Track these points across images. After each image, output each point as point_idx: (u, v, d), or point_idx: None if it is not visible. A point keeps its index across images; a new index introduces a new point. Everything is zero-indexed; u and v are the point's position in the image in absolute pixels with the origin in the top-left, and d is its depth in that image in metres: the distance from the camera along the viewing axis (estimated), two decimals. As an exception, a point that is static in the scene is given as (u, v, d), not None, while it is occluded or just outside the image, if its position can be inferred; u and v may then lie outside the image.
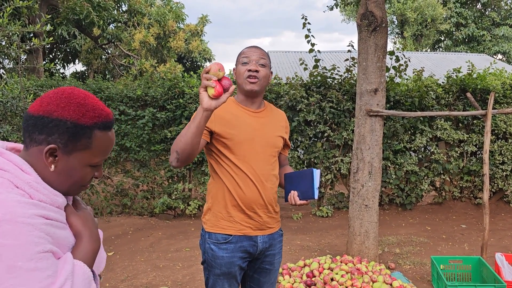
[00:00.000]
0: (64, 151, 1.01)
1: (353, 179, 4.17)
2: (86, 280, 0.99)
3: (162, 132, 6.09)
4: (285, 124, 2.09)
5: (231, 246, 1.89)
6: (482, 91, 6.37)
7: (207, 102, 1.59)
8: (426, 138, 6.29)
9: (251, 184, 1.88)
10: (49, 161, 1.00)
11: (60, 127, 0.99)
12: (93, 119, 1.02)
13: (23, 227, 0.86)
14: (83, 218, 1.08)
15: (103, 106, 1.06)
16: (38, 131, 0.99)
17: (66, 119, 0.99)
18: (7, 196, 0.89)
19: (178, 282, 3.76)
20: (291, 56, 17.71)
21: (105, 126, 1.05)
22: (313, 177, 1.80)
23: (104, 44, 11.43)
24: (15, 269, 0.82)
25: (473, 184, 6.56)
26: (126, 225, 5.73)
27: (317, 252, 4.60)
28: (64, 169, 1.03)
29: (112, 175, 6.31)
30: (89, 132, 1.02)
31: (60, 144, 1.00)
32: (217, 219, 1.91)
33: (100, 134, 1.04)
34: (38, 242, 0.88)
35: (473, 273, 3.64)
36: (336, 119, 6.23)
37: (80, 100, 1.02)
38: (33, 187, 0.96)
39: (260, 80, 1.90)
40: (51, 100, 1.00)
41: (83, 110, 1.01)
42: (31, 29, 4.02)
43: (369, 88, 4.02)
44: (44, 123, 0.99)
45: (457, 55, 19.25)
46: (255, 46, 1.98)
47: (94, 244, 1.06)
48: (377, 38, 4.01)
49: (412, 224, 5.80)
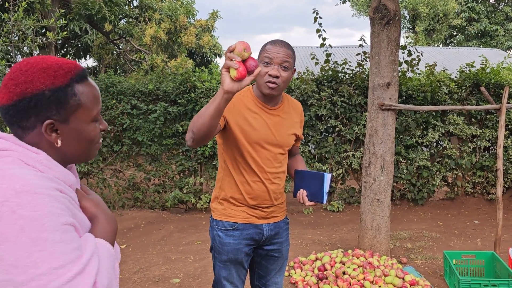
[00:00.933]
0: (61, 121, 0.95)
1: (365, 173, 4.16)
2: (111, 257, 0.95)
3: (174, 126, 6.12)
4: (300, 118, 2.07)
5: (238, 233, 1.92)
6: (495, 85, 6.30)
7: (229, 84, 1.45)
8: (439, 133, 6.24)
9: (259, 181, 1.90)
10: (53, 138, 0.95)
11: (42, 100, 0.92)
12: (66, 76, 0.95)
13: (43, 197, 0.82)
14: (94, 200, 1.05)
15: (66, 60, 0.98)
16: (25, 117, 0.93)
17: (43, 90, 0.92)
18: (21, 170, 0.86)
19: (190, 274, 3.79)
20: (302, 51, 17.65)
21: (81, 77, 0.98)
22: (324, 181, 1.80)
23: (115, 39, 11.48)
24: (41, 241, 0.79)
25: (486, 179, 6.49)
26: (138, 219, 5.78)
27: (328, 246, 4.60)
28: (71, 138, 0.98)
29: (124, 169, 6.36)
30: (71, 90, 0.95)
31: (54, 116, 0.94)
32: (224, 207, 1.95)
33: (82, 87, 0.98)
34: (61, 213, 0.84)
35: (486, 268, 3.61)
36: (348, 114, 6.20)
37: (41, 64, 0.94)
38: (44, 164, 0.93)
39: (279, 85, 1.83)
40: (16, 81, 0.92)
41: (51, 72, 0.94)
42: (45, 23, 4.06)
43: (382, 82, 4.00)
44: (24, 106, 0.92)
45: (469, 50, 19.02)
46: (280, 42, 1.84)
47: (111, 224, 1.03)
48: (390, 32, 3.98)
49: (424, 219, 5.77)
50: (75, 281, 0.81)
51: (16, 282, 0.77)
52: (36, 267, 0.77)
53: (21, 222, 0.78)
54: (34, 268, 0.77)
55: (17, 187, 0.81)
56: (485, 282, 3.11)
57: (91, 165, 6.21)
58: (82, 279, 0.82)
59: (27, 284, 0.77)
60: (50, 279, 0.78)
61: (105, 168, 6.35)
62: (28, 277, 0.77)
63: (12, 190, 0.80)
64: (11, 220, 0.78)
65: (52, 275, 0.78)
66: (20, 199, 0.80)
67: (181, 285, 3.57)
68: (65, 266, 0.80)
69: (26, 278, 0.77)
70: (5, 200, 0.79)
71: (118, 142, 6.29)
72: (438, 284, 3.60)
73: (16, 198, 0.80)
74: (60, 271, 0.79)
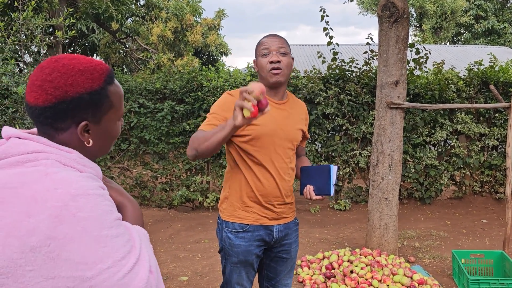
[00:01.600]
0: (94, 122, 0.98)
1: (372, 172, 4.14)
2: (148, 241, 1.00)
3: (181, 125, 6.13)
4: (305, 116, 2.09)
5: (248, 235, 1.91)
6: (504, 84, 6.25)
7: (241, 121, 1.52)
8: (446, 131, 6.21)
9: (270, 177, 1.88)
10: (85, 138, 0.98)
11: (80, 104, 0.94)
12: (101, 78, 0.97)
13: (96, 198, 0.87)
14: (118, 189, 1.09)
15: (98, 61, 1.00)
16: (61, 119, 0.95)
17: (82, 93, 0.94)
18: (68, 173, 0.89)
19: (198, 272, 3.81)
20: (308, 49, 17.62)
21: (111, 77, 1.01)
22: (330, 173, 1.80)
23: (122, 38, 11.52)
24: (102, 239, 0.85)
25: (494, 178, 6.45)
26: (145, 217, 5.80)
27: (335, 245, 4.60)
28: (100, 137, 1.02)
29: (132, 168, 6.39)
30: (105, 91, 0.98)
31: (89, 118, 0.97)
32: (234, 208, 1.93)
33: (112, 88, 1.01)
34: (112, 210, 0.90)
35: (495, 267, 3.59)
36: (355, 112, 6.19)
37: (78, 67, 0.95)
38: (80, 162, 0.96)
39: (283, 70, 1.88)
40: (54, 84, 0.92)
41: (89, 75, 0.95)
42: (53, 22, 4.07)
43: (390, 80, 3.98)
44: (63, 109, 0.93)
45: (477, 48, 18.89)
46: (273, 34, 1.94)
47: (138, 209, 1.08)
48: (398, 30, 3.96)
49: (432, 219, 5.74)
50: (136, 269, 0.88)
51: (86, 277, 0.82)
52: (103, 262, 0.84)
53: (82, 224, 0.83)
54: (101, 264, 0.83)
55: (72, 191, 0.85)
56: (494, 282, 3.09)
57: (99, 163, 6.23)
58: (140, 266, 0.89)
59: (96, 277, 0.83)
60: (115, 271, 0.84)
61: (112, 167, 6.38)
62: (96, 271, 0.83)
63: (68, 194, 0.84)
64: (72, 223, 0.83)
65: (116, 267, 0.85)
66: (77, 202, 0.84)
67: (189, 283, 3.58)
68: (125, 258, 0.87)
69: (95, 273, 0.83)
70: (64, 204, 0.83)
71: (126, 141, 6.31)
72: (446, 283, 3.58)
73: (73, 202, 0.84)
74: (122, 262, 0.86)
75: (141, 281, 0.87)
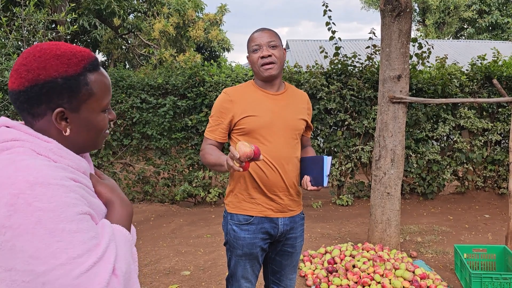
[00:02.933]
0: (72, 109, 0.94)
1: (375, 166, 4.14)
2: (128, 242, 0.95)
3: (183, 120, 6.13)
4: (307, 105, 2.08)
5: (253, 227, 1.92)
6: (508, 78, 6.22)
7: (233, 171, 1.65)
8: (449, 126, 6.19)
9: (272, 167, 1.89)
10: (63, 126, 0.94)
11: (54, 88, 0.91)
12: (79, 64, 0.94)
13: (58, 188, 0.82)
14: (109, 185, 1.04)
15: (79, 48, 0.97)
16: (36, 104, 0.92)
17: (56, 77, 0.91)
18: (35, 161, 0.85)
19: (200, 267, 3.82)
20: (310, 44, 17.57)
21: (94, 66, 0.97)
22: (324, 164, 1.80)
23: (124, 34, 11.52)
24: (58, 232, 0.79)
25: (497, 173, 6.43)
26: (148, 212, 5.81)
27: (337, 239, 4.60)
28: (80, 127, 0.97)
29: (134, 163, 6.40)
30: (84, 78, 0.94)
31: (65, 105, 0.93)
32: (239, 200, 1.94)
33: (94, 76, 0.96)
34: (76, 203, 0.84)
35: (497, 262, 3.59)
36: (357, 107, 6.17)
37: (55, 51, 0.92)
38: (56, 153, 0.92)
39: (275, 63, 1.89)
40: (27, 67, 0.91)
41: (65, 60, 0.92)
42: (55, 17, 4.07)
43: (392, 75, 3.97)
44: (36, 93, 0.91)
45: (480, 43, 18.79)
46: (262, 28, 1.95)
47: (127, 208, 1.02)
48: (401, 24, 3.94)
49: (434, 214, 5.73)
50: (95, 269, 0.82)
51: (37, 272, 0.78)
52: (56, 257, 0.78)
53: (37, 214, 0.79)
54: (54, 259, 0.78)
55: (30, 179, 0.81)
56: (496, 276, 3.09)
57: (101, 159, 6.25)
58: (101, 266, 0.83)
59: (48, 274, 0.78)
60: (70, 269, 0.79)
61: (115, 162, 6.39)
62: (48, 267, 0.78)
63: (26, 182, 0.80)
64: (27, 212, 0.78)
65: (71, 265, 0.79)
66: (34, 191, 0.80)
67: (192, 277, 3.59)
68: (84, 255, 0.81)
69: (47, 269, 0.78)
70: (20, 192, 0.79)
71: (128, 136, 6.32)
72: (448, 278, 3.58)
73: (30, 190, 0.80)
74: (79, 260, 0.80)
75: (100, 284, 0.81)
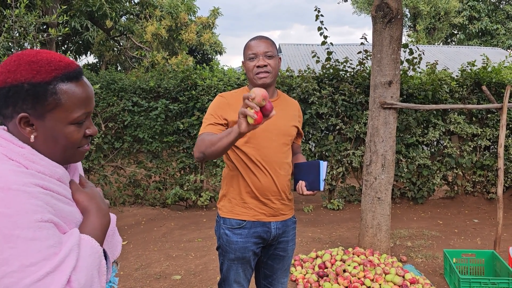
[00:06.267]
0: (36, 116, 0.93)
1: (365, 171, 4.16)
2: (95, 254, 0.92)
3: (175, 124, 6.12)
4: (298, 113, 2.12)
5: (245, 232, 1.93)
6: (497, 84, 6.30)
7: (245, 128, 1.53)
8: (439, 132, 6.25)
9: (265, 172, 1.92)
10: (27, 132, 0.94)
11: (19, 92, 0.90)
12: (51, 73, 0.93)
13: (18, 194, 0.81)
14: (89, 194, 1.02)
15: (61, 57, 0.96)
16: (4, 105, 0.92)
17: (21, 82, 0.90)
18: (2, 166, 0.85)
19: (191, 271, 3.81)
20: (302, 48, 17.64)
21: (68, 77, 0.95)
22: (320, 169, 1.84)
23: (116, 36, 11.48)
24: (13, 238, 0.78)
25: (486, 178, 6.50)
26: (139, 216, 5.78)
27: (328, 244, 4.61)
28: (46, 135, 0.95)
29: (125, 166, 6.37)
30: (52, 88, 0.92)
31: (29, 110, 0.92)
32: (231, 205, 1.96)
33: (66, 87, 0.94)
34: (36, 210, 0.82)
35: (486, 267, 3.62)
36: (348, 112, 6.21)
37: (30, 57, 0.93)
38: (28, 158, 0.91)
39: (270, 72, 1.92)
40: (1, 69, 0.92)
41: (36, 66, 0.92)
42: (47, 19, 4.05)
43: (383, 81, 4.00)
44: (3, 95, 0.91)
45: (470, 49, 19.01)
46: (259, 37, 1.97)
47: (102, 218, 1.00)
48: (392, 30, 3.98)
49: (424, 218, 5.78)
50: (48, 279, 0.80)
51: None
52: (7, 264, 0.77)
53: None
54: (5, 266, 0.77)
55: None
56: (485, 281, 3.12)
57: (92, 162, 6.21)
58: (55, 276, 0.81)
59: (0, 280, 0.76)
60: (21, 277, 0.77)
61: (106, 165, 6.36)
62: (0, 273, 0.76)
63: None
64: None
65: (24, 273, 0.77)
66: None
67: (182, 282, 3.58)
68: (37, 264, 0.79)
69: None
70: None
71: (119, 139, 6.29)
72: (438, 282, 3.61)
73: None
74: (32, 268, 0.78)
75: None
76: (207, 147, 1.74)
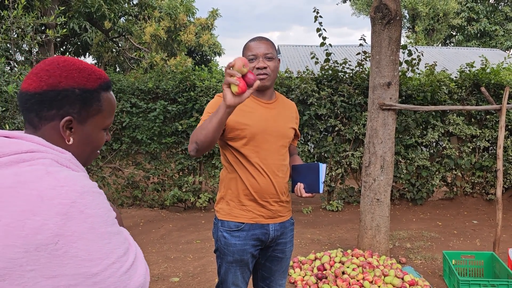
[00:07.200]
0: (79, 121, 1.00)
1: (364, 173, 4.15)
2: None
3: (173, 125, 6.11)
4: (295, 114, 2.12)
5: (244, 234, 1.92)
6: (496, 86, 6.30)
7: (230, 99, 1.54)
8: (438, 133, 6.24)
9: (264, 174, 1.91)
10: (67, 135, 0.99)
11: (70, 97, 0.97)
12: (97, 81, 1.01)
13: (99, 196, 0.91)
14: None
15: (96, 68, 1.04)
16: (47, 107, 0.96)
17: (74, 87, 0.97)
18: (68, 172, 0.90)
19: (189, 273, 3.79)
20: (301, 50, 17.65)
21: (108, 86, 1.05)
22: (319, 171, 1.84)
23: (115, 37, 11.47)
24: (107, 235, 0.88)
25: (485, 179, 6.50)
26: (137, 217, 5.77)
27: (327, 245, 4.60)
28: (81, 139, 1.03)
29: (123, 167, 6.35)
30: (97, 95, 1.01)
31: (74, 114, 0.98)
32: (229, 207, 1.94)
33: (106, 95, 1.04)
34: (110, 209, 0.93)
35: (485, 268, 3.61)
36: (347, 113, 6.20)
37: (78, 65, 1.00)
38: (74, 163, 0.97)
39: (269, 75, 1.92)
40: (50, 73, 0.96)
41: (86, 74, 0.99)
42: (45, 20, 4.03)
43: (382, 82, 3.99)
44: (51, 98, 0.95)
45: (469, 50, 19.03)
46: (259, 38, 1.96)
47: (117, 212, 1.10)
48: (391, 31, 3.97)
49: (423, 219, 5.77)
50: (135, 265, 0.92)
51: (91, 273, 0.85)
52: (108, 258, 0.87)
53: (90, 220, 0.86)
54: (107, 259, 0.86)
55: (78, 189, 0.87)
56: (484, 283, 3.11)
57: (90, 163, 6.19)
58: (138, 262, 0.94)
59: (102, 273, 0.85)
60: (118, 266, 0.88)
61: (104, 166, 6.34)
62: (102, 267, 0.86)
63: (75, 191, 0.86)
64: (80, 219, 0.85)
65: (120, 263, 0.88)
66: (84, 199, 0.86)
67: (181, 284, 3.56)
68: (126, 254, 0.91)
69: (101, 269, 0.85)
70: (72, 201, 0.85)
71: (118, 141, 6.28)
72: (437, 284, 3.60)
73: (81, 199, 0.86)
74: (124, 258, 0.90)
75: (140, 277, 0.92)
76: (198, 134, 1.72)
